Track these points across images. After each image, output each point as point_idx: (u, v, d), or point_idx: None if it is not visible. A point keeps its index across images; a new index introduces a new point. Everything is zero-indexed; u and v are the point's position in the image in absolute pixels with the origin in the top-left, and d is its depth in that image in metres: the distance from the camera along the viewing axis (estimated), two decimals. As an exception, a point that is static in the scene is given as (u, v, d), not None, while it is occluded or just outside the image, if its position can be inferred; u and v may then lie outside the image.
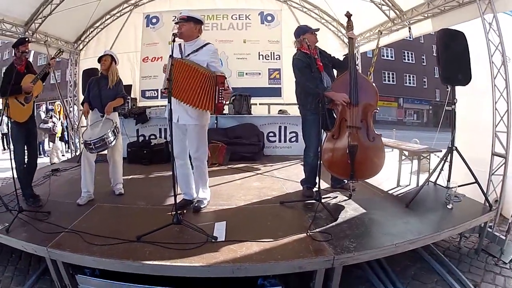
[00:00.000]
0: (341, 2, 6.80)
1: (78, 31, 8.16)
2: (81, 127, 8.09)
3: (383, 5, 6.38)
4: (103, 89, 4.16)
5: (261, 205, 4.00)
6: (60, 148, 10.72)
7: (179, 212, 3.17)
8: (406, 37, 6.69)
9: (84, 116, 4.77)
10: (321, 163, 3.80)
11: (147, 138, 6.89)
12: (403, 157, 5.07)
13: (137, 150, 6.44)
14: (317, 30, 4.12)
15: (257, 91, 8.15)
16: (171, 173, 3.22)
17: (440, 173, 4.39)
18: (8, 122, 3.83)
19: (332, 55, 4.27)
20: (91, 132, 3.94)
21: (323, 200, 3.71)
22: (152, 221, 3.27)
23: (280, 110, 7.72)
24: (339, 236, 3.08)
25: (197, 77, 3.33)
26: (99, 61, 4.26)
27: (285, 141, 7.18)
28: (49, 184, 4.74)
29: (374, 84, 4.00)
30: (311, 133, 4.04)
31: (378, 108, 3.96)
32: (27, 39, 4.07)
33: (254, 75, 8.47)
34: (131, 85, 8.21)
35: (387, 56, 29.42)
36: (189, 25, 3.51)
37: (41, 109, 11.25)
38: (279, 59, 8.46)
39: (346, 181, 4.34)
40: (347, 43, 4.62)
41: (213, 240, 2.96)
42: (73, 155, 8.18)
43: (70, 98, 8.41)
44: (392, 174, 5.00)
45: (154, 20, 8.44)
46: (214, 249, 2.82)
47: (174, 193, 3.17)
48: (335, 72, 4.28)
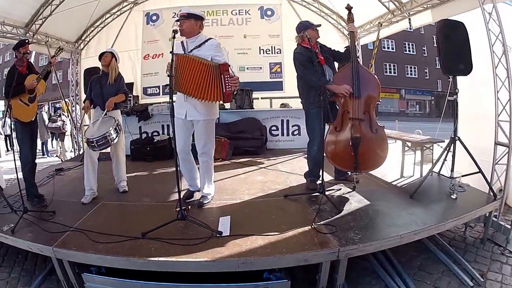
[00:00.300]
0: (341, -5, 6.75)
1: (79, 31, 8.17)
2: (84, 126, 8.11)
3: (383, -3, 6.35)
4: (105, 87, 4.17)
5: (265, 199, 4.01)
6: (70, 147, 10.70)
7: (184, 208, 3.17)
8: (406, 28, 6.66)
9: (85, 112, 4.76)
10: (325, 156, 3.79)
11: (150, 135, 6.91)
12: (406, 148, 5.04)
13: (140, 147, 6.45)
14: (319, 26, 4.11)
15: (259, 86, 8.15)
16: (175, 169, 3.22)
17: (444, 164, 4.38)
18: (11, 124, 3.85)
19: (333, 48, 4.25)
20: (94, 130, 3.94)
21: (327, 193, 3.72)
22: (157, 218, 3.28)
23: (282, 104, 7.70)
24: (344, 228, 3.08)
25: (201, 69, 3.32)
26: (100, 59, 4.25)
27: (288, 135, 7.17)
28: (53, 184, 4.76)
29: (376, 76, 3.99)
30: (315, 126, 4.04)
31: (381, 100, 3.95)
32: (27, 41, 4.07)
33: (255, 70, 8.45)
34: (133, 83, 8.24)
35: (388, 48, 29.30)
36: (190, 22, 3.51)
37: (43, 110, 11.28)
38: (280, 53, 8.43)
39: (350, 173, 4.35)
40: (347, 36, 4.60)
41: (218, 235, 2.97)
42: (76, 154, 8.22)
43: (72, 98, 8.45)
44: (396, 165, 4.99)
45: (154, 18, 8.44)
46: (219, 244, 2.82)
47: (178, 189, 3.17)
48: (337, 65, 4.27)
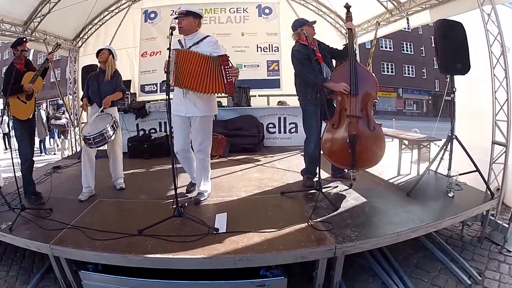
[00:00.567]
0: (338, -6, 6.75)
1: (77, 29, 8.16)
2: (81, 123, 8.10)
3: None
4: (102, 84, 4.15)
5: (262, 196, 4.01)
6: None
7: (180, 205, 3.17)
8: (404, 28, 6.66)
9: (83, 109, 4.76)
10: (321, 153, 3.79)
11: (147, 132, 6.90)
12: (403, 146, 5.06)
13: (138, 145, 6.44)
14: (314, 23, 4.10)
15: (256, 83, 8.15)
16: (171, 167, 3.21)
17: (441, 162, 4.39)
18: (9, 122, 3.83)
19: (331, 46, 4.25)
20: (90, 127, 3.93)
21: (324, 190, 3.70)
22: (154, 215, 3.28)
23: (280, 101, 7.72)
24: (341, 225, 3.08)
25: (201, 62, 3.31)
26: (97, 56, 4.23)
27: (285, 132, 7.18)
28: (51, 181, 4.75)
29: (374, 74, 3.99)
30: (312, 124, 4.03)
31: (378, 98, 3.95)
32: (25, 39, 4.05)
33: (253, 67, 8.44)
34: (130, 80, 8.23)
35: (386, 47, 29.30)
36: (189, 20, 3.51)
37: (42, 108, 11.23)
38: (278, 51, 8.45)
39: (347, 171, 4.35)
40: (345, 34, 4.60)
41: (215, 232, 2.96)
42: (74, 152, 8.19)
43: (70, 95, 8.42)
44: (393, 163, 5.00)
45: (152, 15, 8.43)
46: (216, 241, 2.82)
47: (175, 186, 3.17)
48: (334, 63, 4.27)
